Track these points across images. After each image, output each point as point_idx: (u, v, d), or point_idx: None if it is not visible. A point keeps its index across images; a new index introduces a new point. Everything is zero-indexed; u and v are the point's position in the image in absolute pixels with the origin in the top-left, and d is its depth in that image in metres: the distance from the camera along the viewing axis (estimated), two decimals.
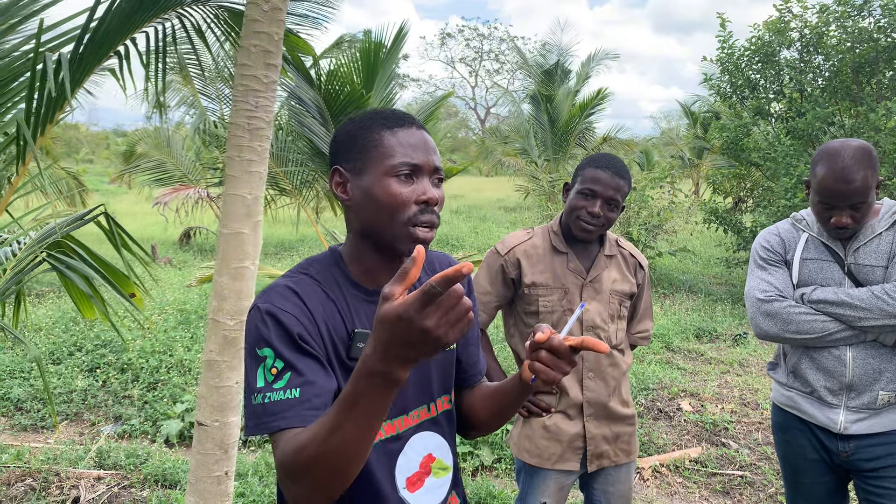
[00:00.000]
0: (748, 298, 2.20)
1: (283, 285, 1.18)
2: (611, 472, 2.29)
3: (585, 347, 1.13)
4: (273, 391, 1.08)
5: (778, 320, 2.10)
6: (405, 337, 0.85)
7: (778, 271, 2.18)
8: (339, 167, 1.23)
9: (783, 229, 2.24)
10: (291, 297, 1.16)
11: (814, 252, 2.14)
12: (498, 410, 1.36)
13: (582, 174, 2.18)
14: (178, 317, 7.00)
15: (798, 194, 8.23)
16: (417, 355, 0.87)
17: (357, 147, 1.21)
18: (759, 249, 2.23)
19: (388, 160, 1.17)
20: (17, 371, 5.36)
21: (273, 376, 1.09)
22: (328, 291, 1.21)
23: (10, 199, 2.65)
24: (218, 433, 2.37)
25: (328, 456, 0.95)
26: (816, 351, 2.11)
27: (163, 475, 3.85)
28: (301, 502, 1.03)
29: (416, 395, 1.29)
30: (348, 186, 1.22)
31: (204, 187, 10.88)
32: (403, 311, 0.83)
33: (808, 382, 2.15)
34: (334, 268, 1.25)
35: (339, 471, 0.97)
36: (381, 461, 1.22)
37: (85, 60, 2.50)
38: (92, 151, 41.10)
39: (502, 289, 2.28)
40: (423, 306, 0.83)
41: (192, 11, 2.82)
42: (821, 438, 2.17)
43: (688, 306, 8.76)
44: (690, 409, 5.14)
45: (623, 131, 15.85)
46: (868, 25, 8.39)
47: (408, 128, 1.20)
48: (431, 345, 0.85)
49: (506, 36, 52.48)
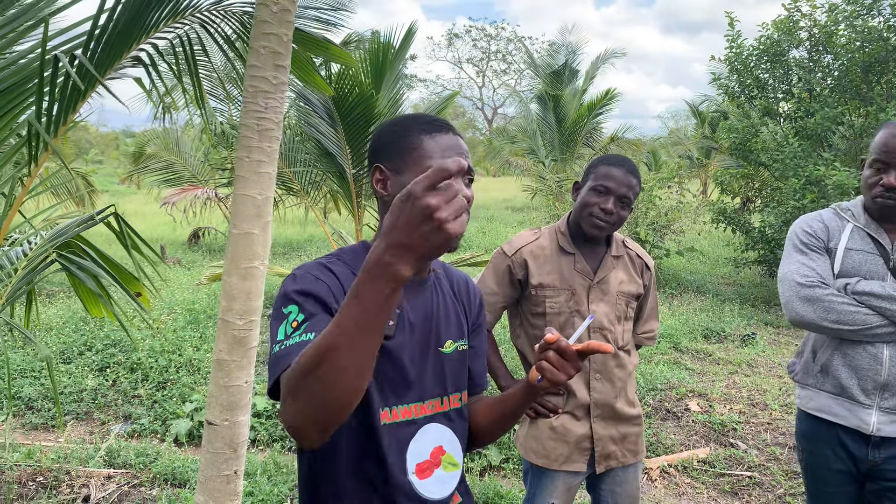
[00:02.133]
0: (785, 282, 2.12)
1: (318, 262, 1.28)
2: (618, 472, 2.29)
3: (591, 351, 1.20)
4: (291, 338, 1.14)
5: (818, 307, 2.02)
6: (409, 216, 0.86)
7: (820, 258, 2.10)
8: (380, 165, 1.32)
9: (826, 217, 2.17)
10: (325, 272, 1.26)
11: (859, 243, 2.08)
12: (500, 418, 1.41)
13: (595, 172, 2.18)
14: (187, 316, 7.04)
15: (807, 195, 8.19)
16: (421, 244, 0.87)
17: (398, 148, 1.30)
18: (800, 233, 2.16)
19: (427, 162, 1.26)
20: (28, 370, 5.41)
21: (293, 329, 1.16)
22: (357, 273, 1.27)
23: (22, 199, 2.68)
24: (227, 432, 2.38)
25: (328, 356, 0.93)
26: (850, 347, 2.05)
27: (172, 474, 3.88)
28: (297, 428, 1.01)
29: (431, 385, 1.34)
30: (388, 183, 1.31)
31: (213, 188, 10.93)
32: (410, 187, 0.86)
33: (839, 381, 2.08)
34: (363, 256, 1.32)
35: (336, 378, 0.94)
36: (394, 442, 1.27)
37: (98, 62, 2.52)
38: (101, 152, 41.35)
39: (509, 289, 2.29)
40: (430, 185, 0.85)
41: (209, 16, 2.84)
42: (848, 447, 2.09)
43: (696, 306, 8.74)
44: (699, 409, 5.13)
45: (631, 131, 15.82)
46: (878, 24, 8.34)
47: (445, 133, 1.30)
48: (434, 232, 0.85)
49: (513, 36, 52.43)
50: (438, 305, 1.38)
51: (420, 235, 0.86)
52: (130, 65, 2.80)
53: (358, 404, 1.15)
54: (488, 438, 1.47)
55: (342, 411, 0.98)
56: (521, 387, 1.33)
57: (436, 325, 1.36)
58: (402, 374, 1.29)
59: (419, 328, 1.32)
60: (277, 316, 1.20)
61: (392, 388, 1.28)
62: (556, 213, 11.89)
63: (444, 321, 1.38)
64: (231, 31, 2.96)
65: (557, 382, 1.19)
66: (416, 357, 1.31)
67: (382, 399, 1.27)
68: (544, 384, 1.23)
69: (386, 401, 1.27)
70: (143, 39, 2.71)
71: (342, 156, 5.95)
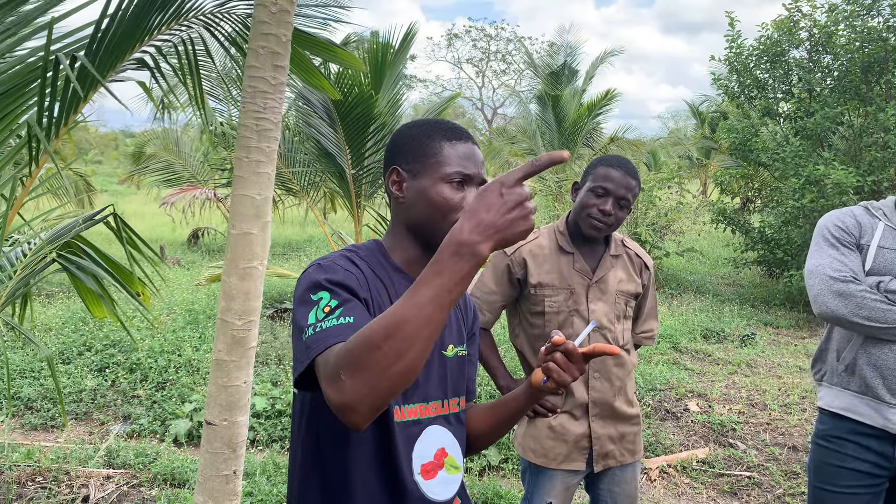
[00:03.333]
0: (815, 275, 2.09)
1: (342, 255, 1.29)
2: (616, 471, 2.30)
3: (597, 353, 1.22)
4: (326, 321, 1.11)
5: (850, 302, 2.00)
6: (503, 202, 0.94)
7: (852, 253, 2.08)
8: (397, 167, 1.34)
9: (858, 213, 2.15)
10: (351, 264, 1.26)
11: (891, 242, 2.06)
12: (500, 421, 1.42)
13: (594, 173, 2.19)
14: (186, 317, 7.04)
15: (806, 195, 8.20)
16: (508, 227, 0.94)
17: (417, 152, 1.32)
18: (832, 228, 2.13)
19: (445, 168, 1.29)
20: (27, 371, 5.41)
21: (325, 313, 1.13)
22: (375, 269, 1.31)
23: (23, 200, 2.68)
24: (226, 432, 2.38)
25: (401, 327, 0.93)
26: (876, 347, 2.03)
27: (171, 474, 3.88)
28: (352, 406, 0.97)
29: (435, 387, 1.35)
30: (404, 186, 1.33)
31: (212, 188, 10.93)
32: (504, 177, 0.95)
33: (864, 380, 2.06)
34: (378, 254, 1.35)
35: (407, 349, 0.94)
36: (401, 443, 1.27)
37: (99, 64, 2.52)
38: (101, 152, 41.33)
39: (508, 288, 2.29)
40: (523, 178, 0.94)
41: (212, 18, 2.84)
42: (873, 448, 2.07)
43: (695, 307, 8.74)
44: (698, 409, 5.14)
45: (630, 131, 15.81)
46: (877, 25, 8.35)
47: (464, 142, 1.32)
48: (522, 219, 0.94)
49: (513, 36, 52.39)
50: None
51: (509, 220, 0.94)
52: (133, 66, 2.80)
53: None
54: (486, 442, 1.47)
55: (404, 384, 0.97)
56: (523, 389, 1.34)
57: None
58: None
59: None
60: (305, 301, 1.17)
61: None
62: (555, 213, 11.90)
63: (446, 326, 1.39)
64: (233, 30, 2.96)
65: (563, 384, 1.21)
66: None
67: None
68: (550, 385, 1.24)
69: (396, 399, 1.27)
70: (146, 41, 2.72)
71: (342, 156, 5.95)
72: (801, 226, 8.68)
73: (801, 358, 6.63)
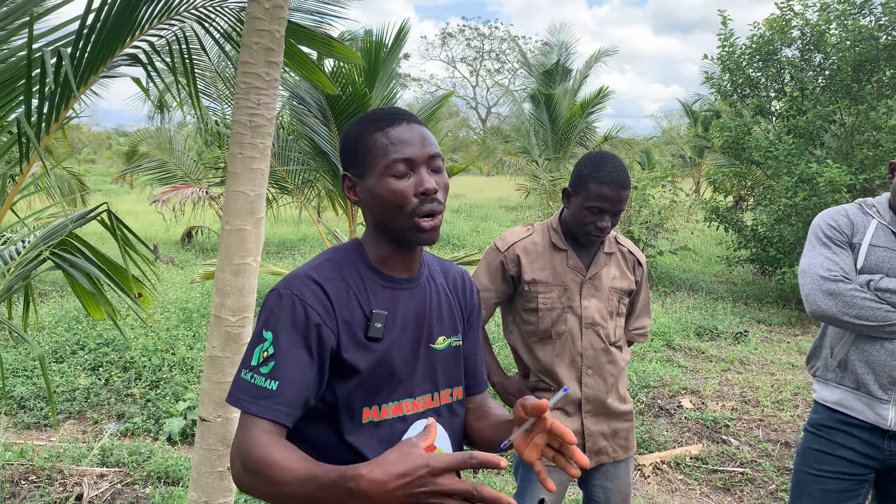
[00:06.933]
0: (806, 274, 2.11)
1: (303, 274, 1.26)
2: (609, 468, 2.31)
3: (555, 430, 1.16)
4: (258, 375, 1.18)
5: (840, 301, 2.02)
6: (412, 477, 0.94)
7: (843, 252, 2.10)
8: (346, 173, 1.33)
9: (851, 211, 2.16)
10: (311, 284, 1.24)
11: (884, 240, 2.08)
12: (493, 443, 1.39)
13: (586, 191, 2.12)
14: (180, 315, 7.03)
15: (799, 193, 8.23)
16: (398, 499, 0.95)
17: (357, 152, 1.29)
18: (824, 227, 2.15)
19: (383, 160, 1.24)
20: (20, 369, 5.39)
21: (263, 360, 1.19)
22: (348, 278, 1.28)
23: (14, 198, 2.67)
24: (220, 429, 2.38)
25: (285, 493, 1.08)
26: (867, 343, 2.06)
27: (165, 472, 3.87)
28: (238, 486, 1.17)
29: (421, 382, 1.33)
30: (357, 189, 1.31)
31: (205, 187, 10.90)
32: (438, 459, 0.95)
33: (856, 376, 2.08)
34: (355, 254, 1.33)
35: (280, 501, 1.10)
36: (385, 440, 1.26)
37: (88, 60, 2.51)
38: (94, 151, 41.12)
39: (502, 285, 2.30)
40: (452, 470, 0.95)
41: (205, 12, 2.83)
42: (865, 439, 2.10)
43: (688, 304, 8.77)
44: (691, 406, 5.16)
45: (624, 130, 15.88)
46: (869, 23, 8.38)
47: (398, 124, 1.26)
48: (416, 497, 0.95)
49: (506, 35, 52.45)
50: (431, 302, 1.36)
51: (407, 494, 0.95)
52: (126, 63, 2.79)
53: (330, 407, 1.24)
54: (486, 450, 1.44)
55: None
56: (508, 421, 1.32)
57: (428, 322, 1.34)
58: (391, 372, 1.27)
59: (411, 327, 1.31)
60: (258, 332, 1.22)
61: (381, 386, 1.27)
62: (549, 211, 11.93)
63: (436, 318, 1.37)
64: (228, 25, 2.96)
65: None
66: (408, 355, 1.30)
67: (368, 398, 1.26)
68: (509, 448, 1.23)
69: (374, 399, 1.26)
70: (137, 36, 2.70)
71: (336, 154, 5.95)
72: (794, 224, 8.71)
73: (794, 355, 6.67)
